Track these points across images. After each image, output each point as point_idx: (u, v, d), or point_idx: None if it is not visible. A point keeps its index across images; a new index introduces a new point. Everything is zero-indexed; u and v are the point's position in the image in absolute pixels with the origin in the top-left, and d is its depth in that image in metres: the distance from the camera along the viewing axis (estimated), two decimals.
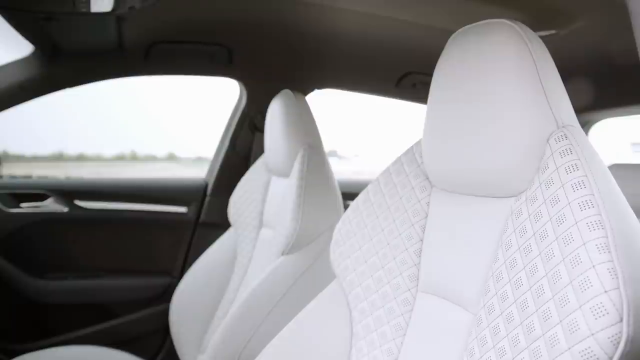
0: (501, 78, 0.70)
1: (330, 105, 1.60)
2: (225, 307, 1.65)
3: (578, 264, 0.56)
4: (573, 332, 0.54)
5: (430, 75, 0.83)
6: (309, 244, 1.40)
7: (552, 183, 0.64)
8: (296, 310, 1.03)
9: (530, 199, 0.67)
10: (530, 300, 0.60)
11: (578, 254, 0.57)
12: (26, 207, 1.87)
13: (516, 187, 0.70)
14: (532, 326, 0.59)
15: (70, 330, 1.92)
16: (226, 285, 1.69)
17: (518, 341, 0.60)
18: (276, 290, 1.35)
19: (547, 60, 0.71)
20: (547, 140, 0.67)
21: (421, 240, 0.86)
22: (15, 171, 2.06)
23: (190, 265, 1.87)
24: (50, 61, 1.64)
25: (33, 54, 1.61)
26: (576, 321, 0.54)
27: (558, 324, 0.56)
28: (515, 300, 0.63)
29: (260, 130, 2.00)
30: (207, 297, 1.68)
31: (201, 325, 1.67)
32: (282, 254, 1.39)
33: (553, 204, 0.62)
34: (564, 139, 0.65)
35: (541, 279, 0.60)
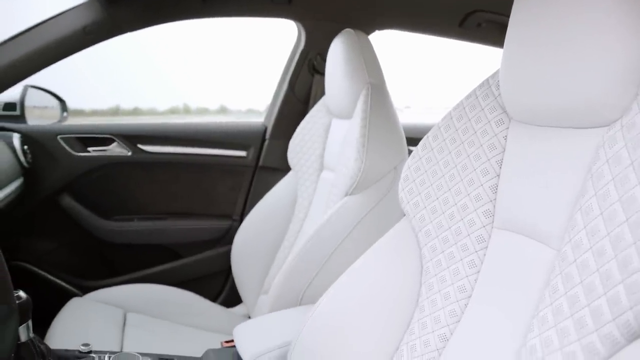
0: None
1: (379, 55, 1.54)
2: (286, 249, 1.66)
3: None
4: None
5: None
6: (373, 184, 1.37)
7: None
8: (360, 250, 1.02)
9: (627, 126, 0.62)
10: (627, 232, 0.56)
11: None
12: (93, 150, 1.93)
13: (608, 116, 0.65)
14: (629, 259, 0.55)
15: (136, 270, 2.00)
16: (286, 228, 1.70)
17: (611, 275, 0.57)
18: (340, 230, 1.35)
19: None
20: None
21: (497, 175, 0.82)
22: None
23: (250, 208, 1.89)
24: (111, 4, 1.64)
25: None
26: None
27: None
28: (609, 234, 0.59)
29: (320, 72, 1.96)
30: (268, 239, 1.70)
31: (262, 267, 1.70)
32: (346, 195, 1.38)
33: None
34: None
35: None
